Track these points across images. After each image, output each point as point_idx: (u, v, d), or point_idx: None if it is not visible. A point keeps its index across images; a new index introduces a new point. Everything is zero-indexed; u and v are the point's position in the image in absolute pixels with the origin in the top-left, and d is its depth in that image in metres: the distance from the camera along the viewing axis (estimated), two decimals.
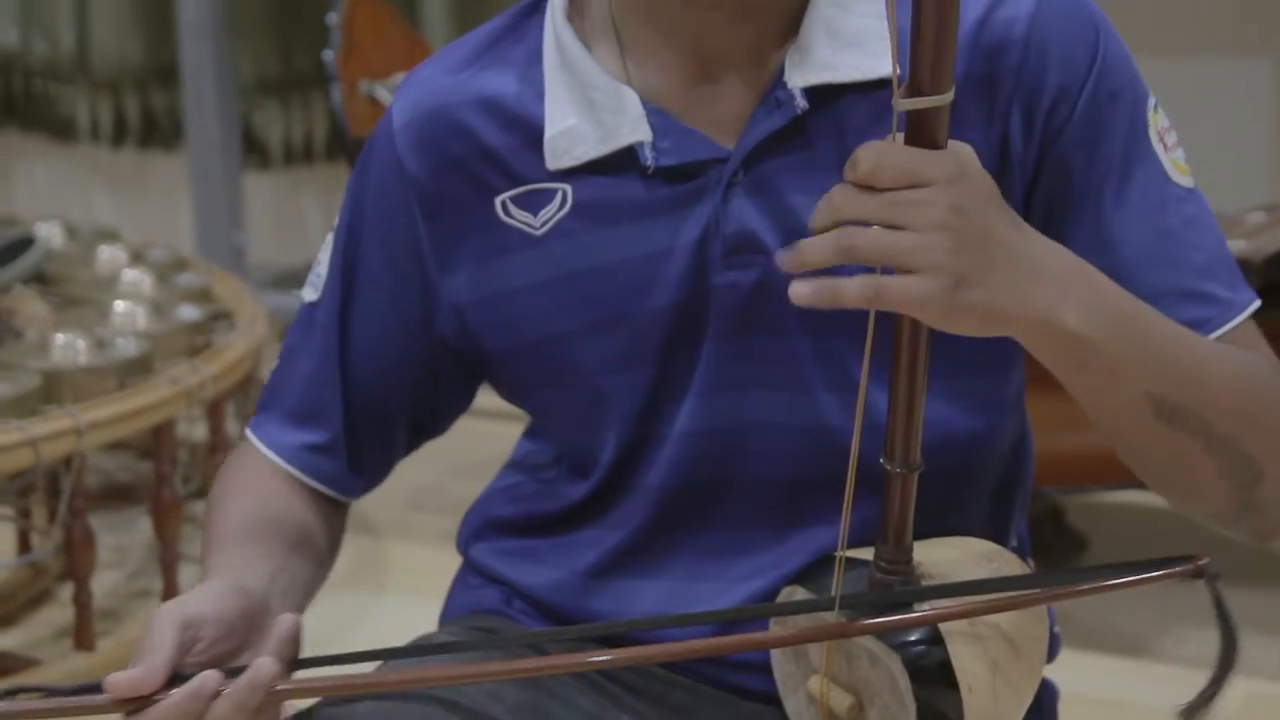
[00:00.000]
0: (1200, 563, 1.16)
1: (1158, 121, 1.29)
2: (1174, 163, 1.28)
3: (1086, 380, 1.15)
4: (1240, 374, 1.21)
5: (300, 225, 4.50)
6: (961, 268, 1.06)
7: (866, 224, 1.07)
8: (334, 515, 1.44)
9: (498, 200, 1.32)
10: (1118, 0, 1.40)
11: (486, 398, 1.45)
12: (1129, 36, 1.32)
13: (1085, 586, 1.17)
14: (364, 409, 1.40)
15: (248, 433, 1.44)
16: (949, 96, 1.06)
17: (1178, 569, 1.16)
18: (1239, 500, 1.21)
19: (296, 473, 1.41)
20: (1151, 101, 1.29)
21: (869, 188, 1.07)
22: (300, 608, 1.31)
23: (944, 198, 1.06)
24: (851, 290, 1.06)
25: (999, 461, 1.37)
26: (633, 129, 1.28)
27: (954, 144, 1.09)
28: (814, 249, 1.07)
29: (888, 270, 1.08)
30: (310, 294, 1.42)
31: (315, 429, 1.41)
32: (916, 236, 1.05)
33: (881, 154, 1.06)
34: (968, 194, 1.07)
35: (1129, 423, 1.18)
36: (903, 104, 1.06)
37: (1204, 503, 1.22)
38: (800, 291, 1.07)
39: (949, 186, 1.06)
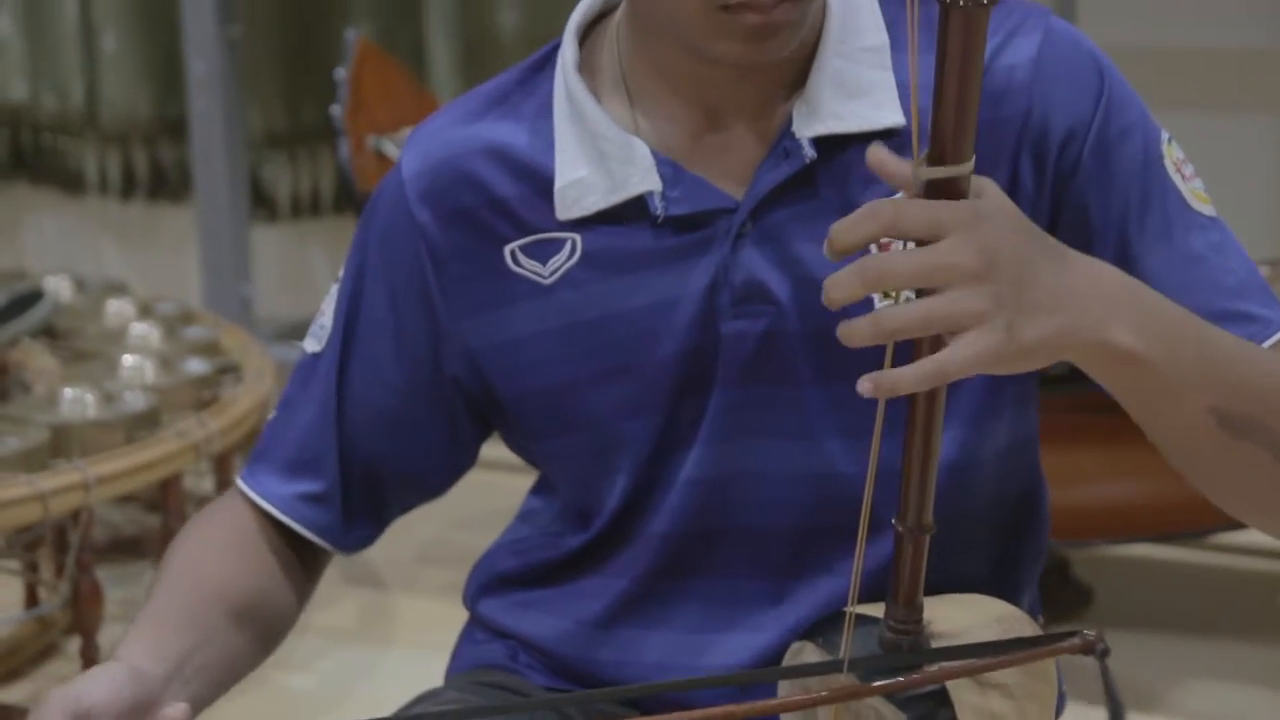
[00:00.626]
0: (1089, 637, 1.11)
1: (1173, 154, 1.29)
2: (1193, 192, 1.29)
3: (1147, 397, 1.14)
4: None
5: (307, 278, 4.51)
6: (1009, 312, 1.05)
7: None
8: (308, 574, 1.43)
9: (507, 249, 1.33)
10: (1122, 53, 1.41)
11: (494, 449, 1.45)
12: (1138, 90, 1.33)
13: (981, 662, 1.14)
14: (360, 460, 1.40)
15: (238, 482, 1.43)
16: (969, 166, 1.06)
17: (1068, 644, 1.12)
18: None
19: (290, 523, 1.40)
20: (1165, 136, 1.30)
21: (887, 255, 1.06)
22: (217, 687, 1.31)
23: (973, 248, 1.04)
24: (911, 378, 1.04)
25: (1003, 504, 1.37)
26: (642, 179, 1.29)
27: (975, 180, 1.08)
28: (857, 333, 1.04)
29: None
30: (312, 345, 1.42)
31: (310, 479, 1.40)
32: (954, 296, 1.04)
33: (900, 206, 1.05)
34: (994, 233, 1.06)
35: (1194, 439, 1.17)
36: (924, 173, 1.06)
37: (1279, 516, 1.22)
38: (865, 388, 1.04)
39: (972, 231, 1.05)
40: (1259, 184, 3.60)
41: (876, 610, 1.18)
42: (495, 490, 2.51)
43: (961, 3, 1.02)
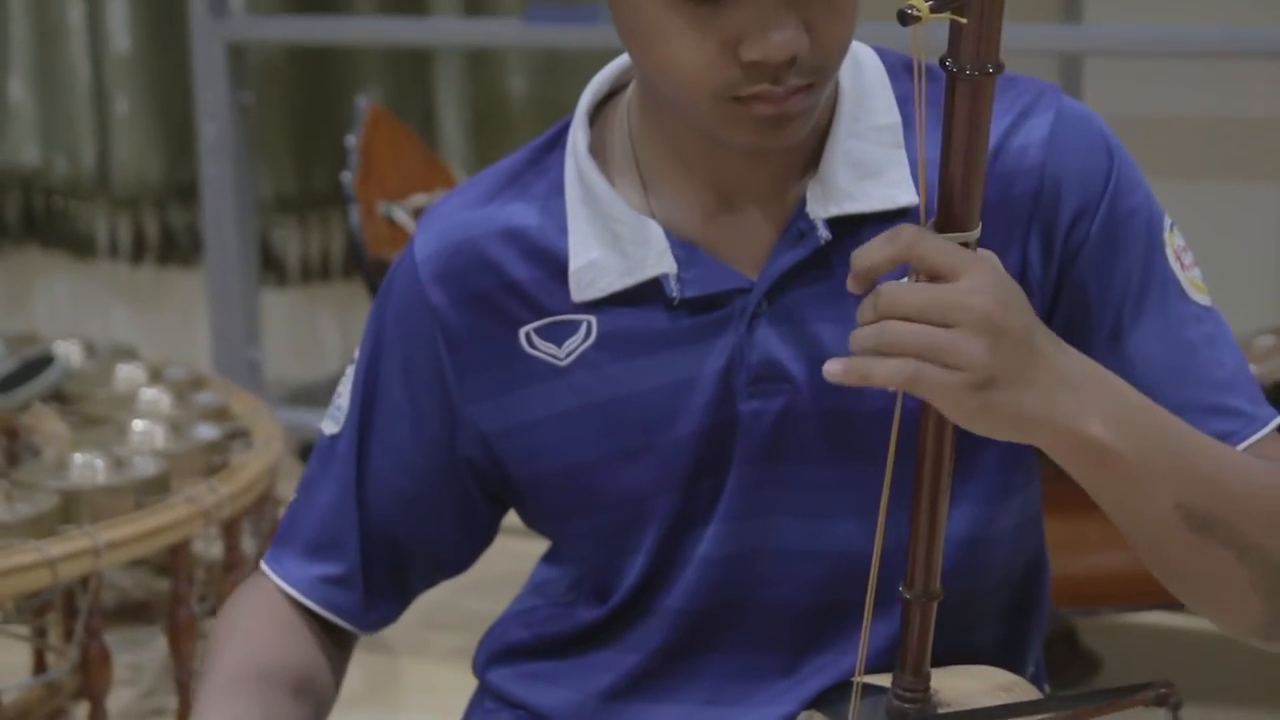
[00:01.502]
0: (1163, 690, 1.14)
1: (1174, 241, 1.30)
2: (1191, 281, 1.30)
3: (1115, 491, 1.15)
4: (1271, 483, 1.22)
5: (316, 342, 4.52)
6: (996, 369, 1.07)
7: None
8: (341, 652, 1.44)
9: (522, 332, 1.33)
10: (1129, 123, 1.43)
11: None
12: (1139, 158, 1.34)
13: (1069, 713, 1.15)
14: (381, 541, 1.41)
15: (263, 565, 1.43)
16: (976, 233, 1.08)
17: (1142, 696, 1.13)
18: (1275, 611, 1.21)
19: (312, 605, 1.41)
20: (1167, 222, 1.30)
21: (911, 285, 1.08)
22: None
23: (989, 293, 1.07)
24: (883, 370, 1.07)
25: (1012, 578, 1.37)
26: (658, 261, 1.30)
27: (982, 252, 1.10)
28: (859, 338, 1.08)
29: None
30: (330, 426, 1.42)
31: (332, 561, 1.41)
32: (958, 333, 1.06)
33: (922, 234, 1.07)
34: (1009, 292, 1.08)
35: (1161, 534, 1.18)
36: None
37: (1240, 616, 1.22)
38: (833, 369, 1.08)
39: (989, 279, 1.07)
40: (1263, 252, 3.61)
41: (884, 680, 1.18)
42: (504, 555, 2.50)
43: (968, 72, 1.03)
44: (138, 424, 2.78)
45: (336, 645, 1.43)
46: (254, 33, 4.10)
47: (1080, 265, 1.28)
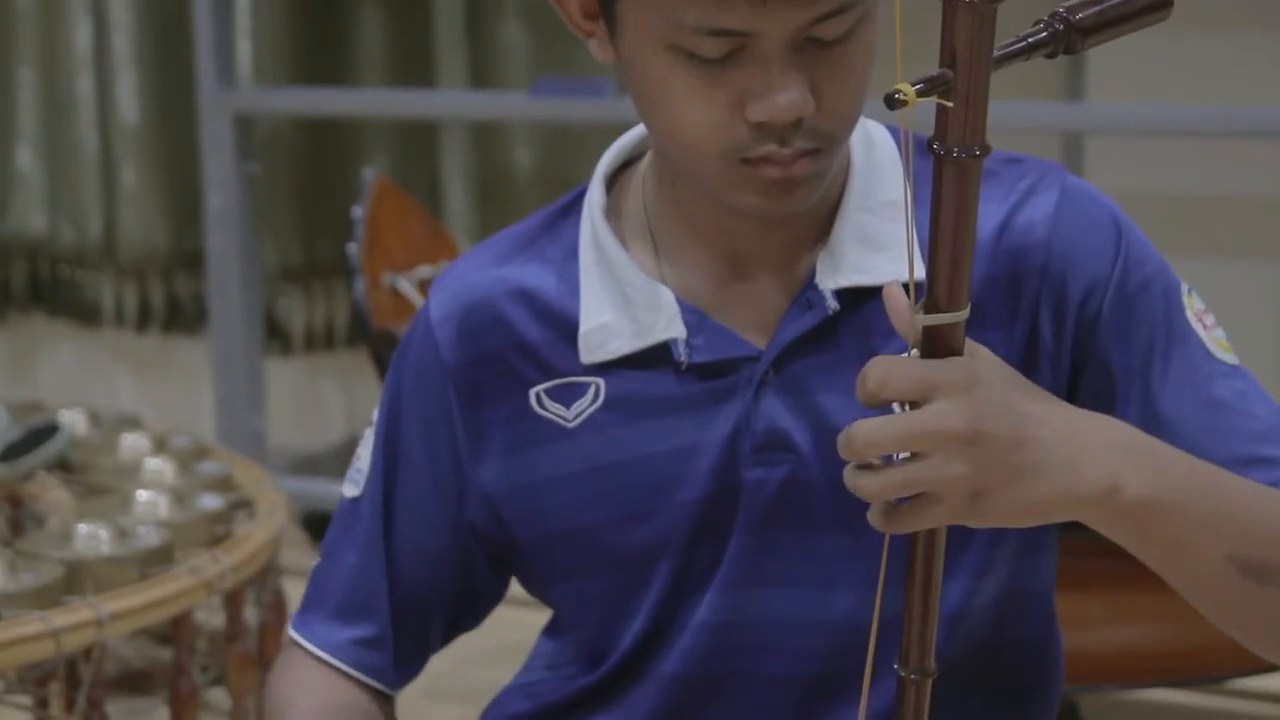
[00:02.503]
0: None
1: (1194, 304, 1.31)
2: (1215, 341, 1.31)
3: (1160, 548, 1.15)
4: None
5: (320, 411, 4.53)
6: (978, 483, 1.07)
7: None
8: (386, 711, 1.45)
9: (532, 392, 1.34)
10: (1131, 201, 1.44)
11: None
12: (1148, 236, 1.35)
13: None
14: (410, 600, 1.42)
15: (292, 634, 1.44)
16: (964, 314, 1.08)
17: None
18: None
19: (348, 669, 1.42)
20: (1185, 287, 1.31)
21: (886, 411, 1.09)
22: None
23: (961, 413, 1.06)
24: (869, 521, 1.08)
25: (1007, 649, 1.37)
26: (667, 326, 1.31)
27: (969, 345, 1.10)
28: (858, 483, 1.08)
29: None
30: (351, 489, 1.43)
31: (363, 623, 1.42)
32: (930, 465, 1.06)
33: (889, 368, 1.07)
34: (985, 400, 1.07)
35: (1215, 586, 1.17)
36: (920, 320, 1.08)
37: None
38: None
39: (964, 396, 1.07)
40: (1265, 330, 3.62)
41: None
42: (506, 625, 2.50)
43: (955, 154, 1.05)
44: (142, 494, 2.79)
45: (383, 706, 1.44)
46: (261, 104, 4.12)
47: (1099, 341, 1.28)
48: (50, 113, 4.53)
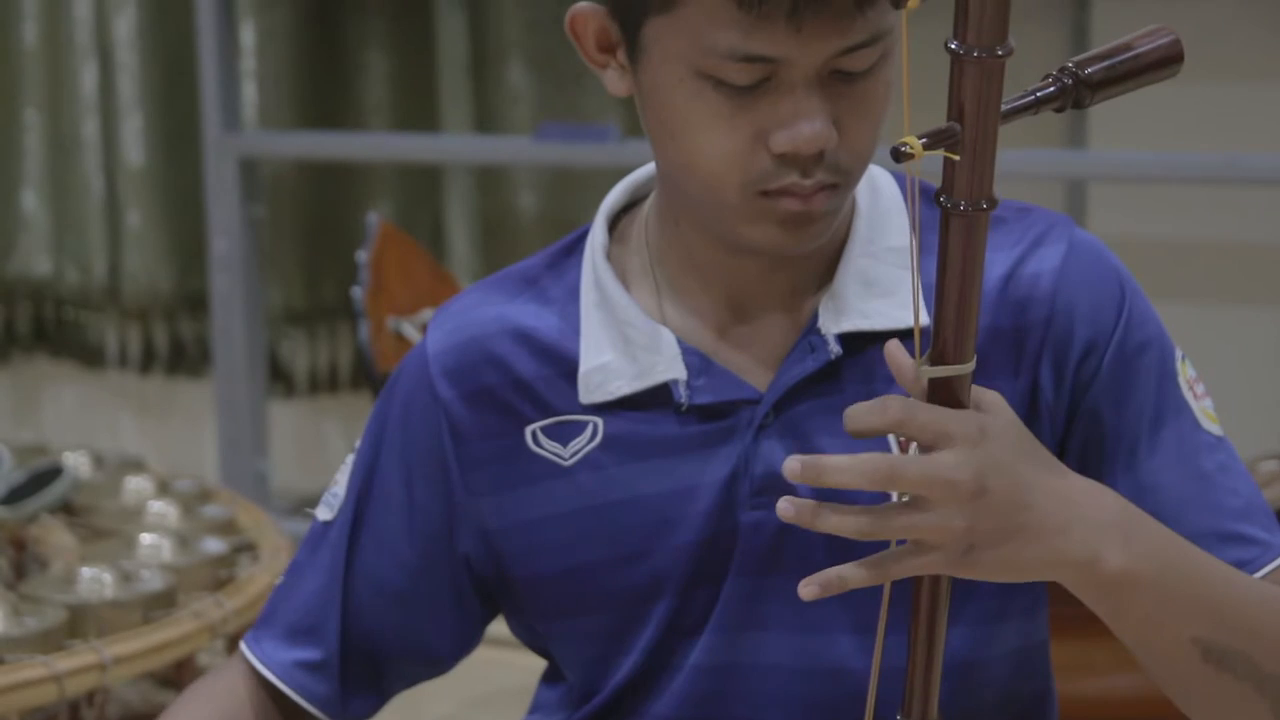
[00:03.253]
0: None
1: (1186, 372, 1.32)
2: (1204, 411, 1.31)
3: (1132, 623, 1.16)
4: None
5: (323, 453, 4.53)
6: (975, 538, 1.08)
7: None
8: None
9: (528, 430, 1.35)
10: (1133, 247, 1.45)
11: (506, 627, 1.46)
12: (1143, 282, 1.35)
13: None
14: (362, 632, 1.41)
15: (242, 645, 1.44)
16: (970, 366, 1.09)
17: None
18: None
19: (286, 690, 1.41)
20: (1179, 354, 1.32)
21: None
22: None
23: (970, 466, 1.08)
24: (856, 576, 1.09)
25: (1012, 704, 1.37)
26: (668, 367, 1.31)
27: (979, 392, 1.12)
28: (843, 526, 1.09)
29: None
30: (324, 512, 1.43)
31: (310, 646, 1.42)
32: (940, 514, 1.08)
33: (909, 405, 1.09)
34: (994, 454, 1.09)
35: (1177, 665, 1.18)
36: (926, 372, 1.09)
37: None
38: (807, 592, 1.10)
39: (974, 449, 1.08)
40: (1266, 377, 3.62)
41: None
42: (507, 668, 2.50)
43: (962, 208, 1.05)
44: (145, 537, 2.79)
45: None
46: (266, 148, 4.14)
47: (1093, 397, 1.29)
48: (56, 155, 4.55)
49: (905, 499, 1.09)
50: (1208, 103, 3.36)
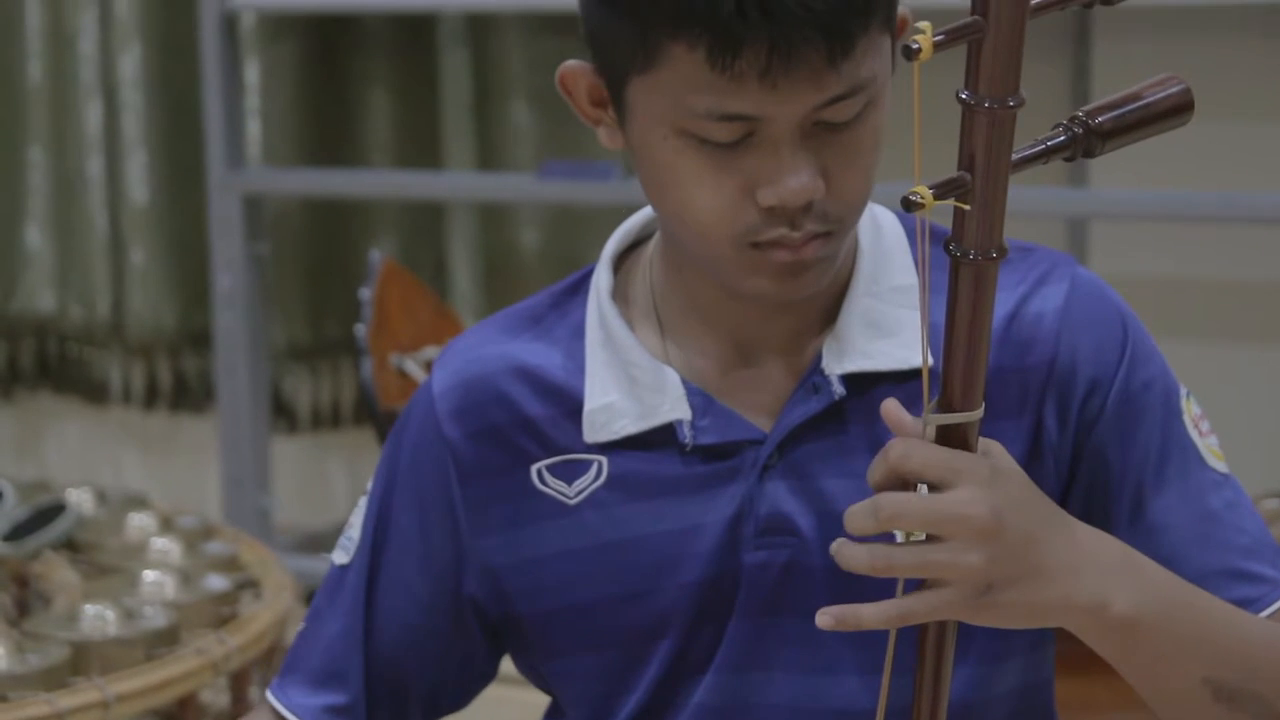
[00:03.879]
0: None
1: (1191, 409, 1.32)
2: (1210, 449, 1.32)
3: (1141, 666, 1.17)
4: None
5: (326, 489, 4.53)
6: (993, 576, 1.08)
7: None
8: None
9: (534, 468, 1.35)
10: (1134, 286, 1.45)
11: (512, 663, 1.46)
12: (1148, 320, 1.36)
13: None
14: (385, 674, 1.42)
15: (268, 695, 1.45)
16: (979, 414, 1.10)
17: None
18: None
19: None
20: (1184, 391, 1.32)
21: (910, 490, 1.10)
22: None
23: (985, 502, 1.08)
24: (873, 617, 1.09)
25: None
26: (673, 407, 1.32)
27: (984, 442, 1.12)
28: (852, 560, 1.10)
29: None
30: (341, 556, 1.44)
31: (337, 691, 1.42)
32: (955, 548, 1.08)
33: (912, 444, 1.09)
34: (1005, 495, 1.10)
35: (1189, 706, 1.19)
36: (934, 419, 1.09)
37: None
38: (823, 621, 1.10)
39: (987, 488, 1.09)
40: (1269, 415, 3.63)
41: None
42: (511, 705, 2.50)
43: (972, 256, 1.06)
44: (148, 574, 2.79)
45: None
46: (270, 185, 4.15)
47: (1097, 436, 1.29)
48: (60, 192, 4.56)
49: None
50: (1209, 141, 3.36)
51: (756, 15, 1.15)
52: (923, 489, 1.10)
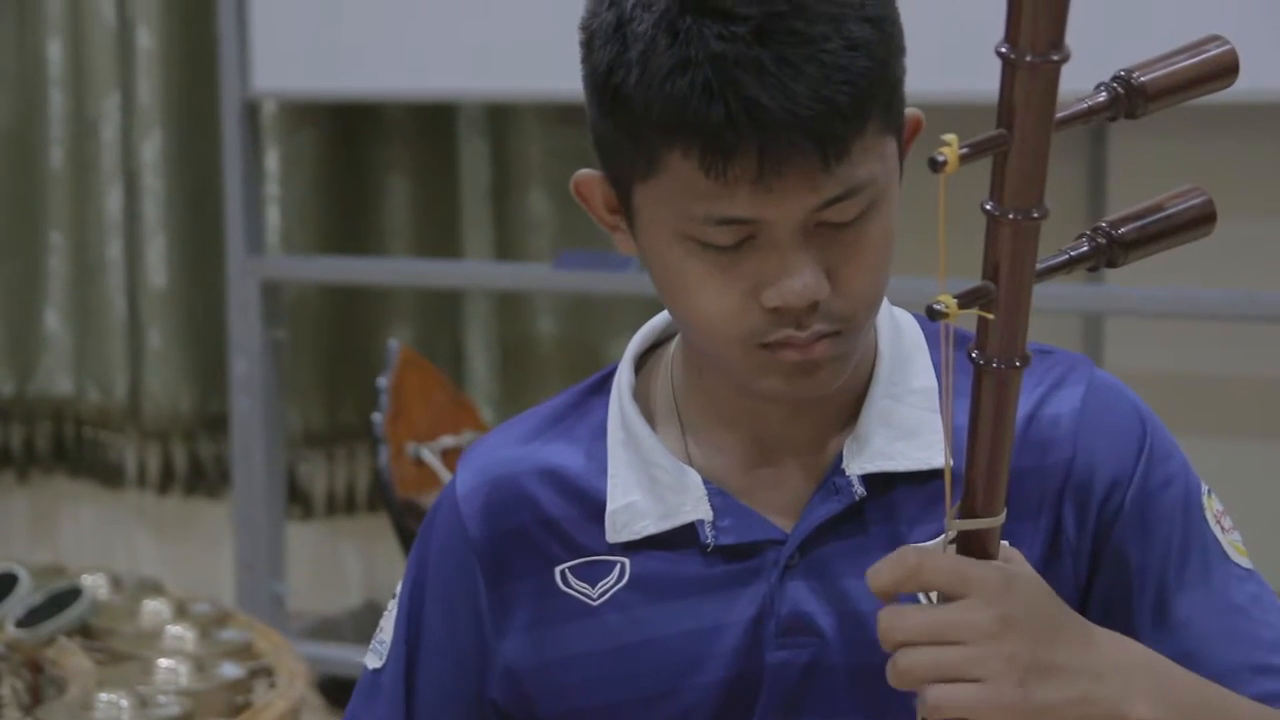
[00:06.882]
0: None
1: (1213, 505, 1.32)
2: (1232, 544, 1.31)
3: None
4: None
5: (340, 575, 4.53)
6: (1024, 665, 1.09)
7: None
8: None
9: (557, 570, 1.35)
10: (1150, 382, 1.46)
11: None
12: (1165, 417, 1.36)
13: None
14: None
15: None
16: (1001, 519, 1.10)
17: None
18: None
19: None
20: (1205, 488, 1.32)
21: (913, 604, 1.10)
22: None
23: (992, 610, 1.09)
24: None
25: None
26: (694, 508, 1.32)
27: (1004, 549, 1.12)
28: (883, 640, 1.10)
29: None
30: (374, 661, 1.44)
31: None
32: (969, 649, 1.08)
33: (928, 555, 1.10)
34: (1016, 605, 1.10)
35: None
36: (956, 524, 1.10)
37: None
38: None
39: (996, 599, 1.09)
40: None
41: None
42: None
43: (995, 364, 1.06)
44: (163, 662, 2.78)
45: None
46: (289, 272, 4.17)
47: (1117, 535, 1.29)
48: (79, 276, 4.58)
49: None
50: (1225, 238, 3.37)
51: (745, 123, 1.16)
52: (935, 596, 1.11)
